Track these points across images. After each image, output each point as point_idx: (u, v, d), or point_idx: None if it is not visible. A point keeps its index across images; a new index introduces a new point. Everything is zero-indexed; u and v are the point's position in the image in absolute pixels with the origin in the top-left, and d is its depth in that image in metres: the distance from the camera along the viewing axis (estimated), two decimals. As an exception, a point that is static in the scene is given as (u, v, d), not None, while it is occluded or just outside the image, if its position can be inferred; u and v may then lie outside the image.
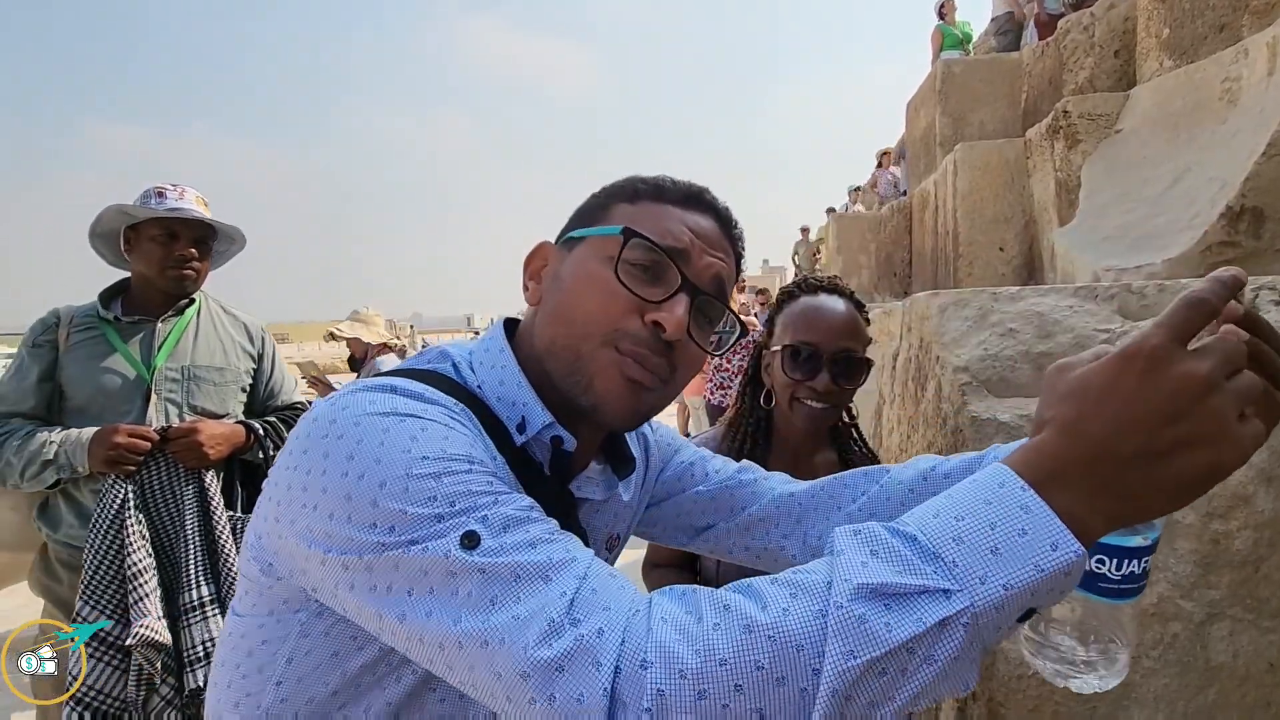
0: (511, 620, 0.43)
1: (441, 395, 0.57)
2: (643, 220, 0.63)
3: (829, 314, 1.14)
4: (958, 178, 5.02)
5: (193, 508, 1.61)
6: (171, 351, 1.68)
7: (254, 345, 1.87)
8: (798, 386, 1.12)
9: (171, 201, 1.68)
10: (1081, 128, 3.92)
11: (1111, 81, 4.68)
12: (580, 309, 0.61)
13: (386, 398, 0.54)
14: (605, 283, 0.61)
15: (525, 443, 0.62)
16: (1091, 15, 4.81)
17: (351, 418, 0.52)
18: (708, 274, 0.64)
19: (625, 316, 0.60)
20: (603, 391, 0.60)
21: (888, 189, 10.07)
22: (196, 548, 1.59)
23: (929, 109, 6.71)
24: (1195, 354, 0.41)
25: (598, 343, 0.60)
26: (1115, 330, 1.27)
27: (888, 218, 7.80)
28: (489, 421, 0.60)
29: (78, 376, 1.61)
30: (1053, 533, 0.40)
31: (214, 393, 1.74)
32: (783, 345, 1.14)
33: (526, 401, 0.62)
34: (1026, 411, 1.26)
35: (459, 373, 0.64)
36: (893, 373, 1.99)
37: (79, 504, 1.60)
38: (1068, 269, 3.54)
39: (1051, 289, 1.42)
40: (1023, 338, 1.36)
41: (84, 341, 1.63)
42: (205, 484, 1.64)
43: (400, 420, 0.51)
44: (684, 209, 0.66)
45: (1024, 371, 1.32)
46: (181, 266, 1.68)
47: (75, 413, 1.62)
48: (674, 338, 0.60)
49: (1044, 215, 4.44)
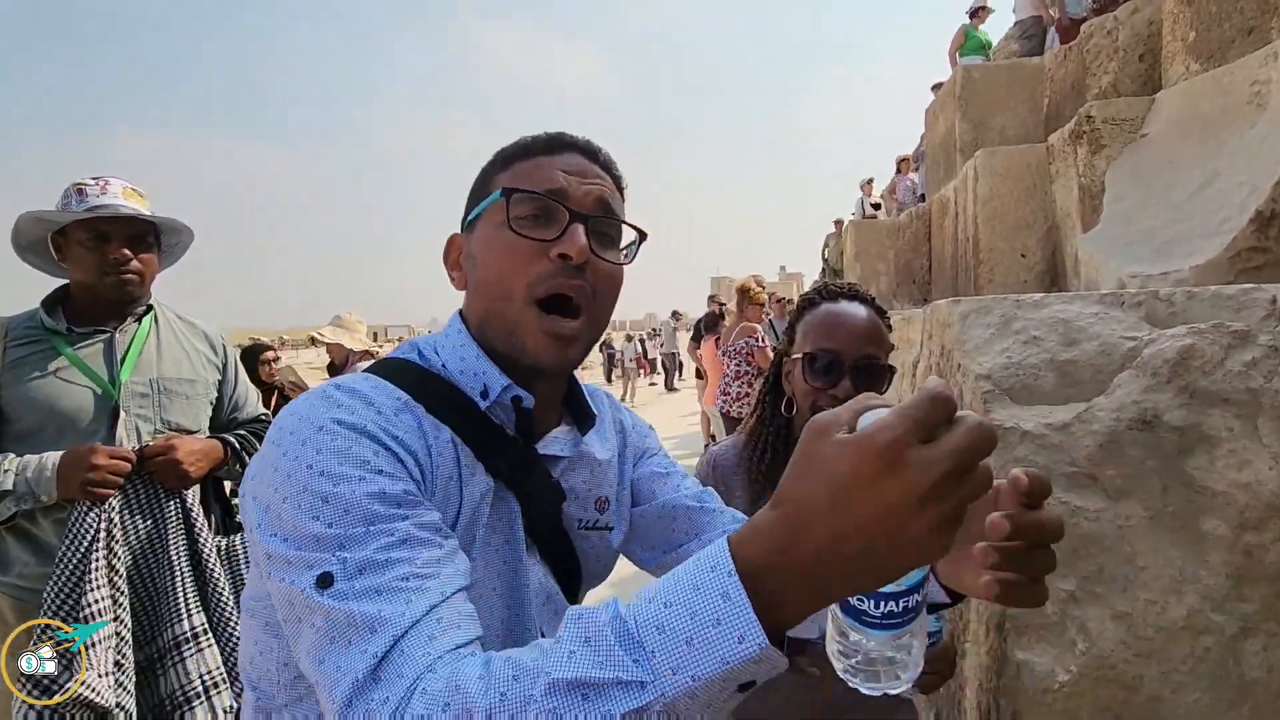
0: (334, 669, 0.49)
1: (381, 395, 0.63)
2: (518, 179, 0.70)
3: (850, 320, 1.13)
4: (978, 183, 4.97)
5: (176, 532, 1.46)
6: (135, 364, 1.50)
7: (217, 355, 1.71)
8: (818, 394, 1.11)
9: (93, 199, 1.46)
10: (1106, 132, 3.87)
11: (1136, 86, 4.62)
12: (494, 274, 0.69)
13: (320, 405, 0.60)
14: (506, 242, 0.68)
15: (489, 408, 0.69)
16: (1115, 19, 4.75)
17: (286, 426, 0.60)
18: (590, 199, 0.70)
19: (533, 262, 0.67)
20: (534, 348, 0.68)
21: (906, 195, 10.00)
22: (185, 575, 1.45)
23: (949, 114, 6.66)
24: (932, 457, 0.38)
25: (521, 303, 0.67)
26: (1142, 338, 1.25)
27: (906, 224, 7.74)
28: (452, 397, 0.68)
29: (25, 396, 1.39)
30: (742, 625, 0.41)
31: (186, 406, 1.58)
32: (803, 353, 1.14)
33: (485, 370, 0.70)
34: (1052, 420, 1.24)
35: (423, 357, 0.72)
36: (913, 380, 1.97)
37: (35, 539, 1.40)
38: (1092, 275, 3.49)
39: (1076, 296, 1.40)
40: (1047, 345, 1.34)
41: (28, 357, 1.42)
42: (188, 505, 1.49)
43: (316, 433, 0.58)
44: (550, 155, 0.72)
45: (1048, 379, 1.31)
46: (119, 270, 1.47)
47: (21, 437, 1.40)
48: (580, 259, 0.67)
49: (1067, 221, 4.38)
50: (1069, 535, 1.15)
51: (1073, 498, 1.16)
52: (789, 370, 1.19)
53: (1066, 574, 1.13)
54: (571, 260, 0.66)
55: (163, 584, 1.43)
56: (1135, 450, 1.14)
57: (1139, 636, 1.10)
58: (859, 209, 9.97)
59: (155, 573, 1.44)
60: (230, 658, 1.48)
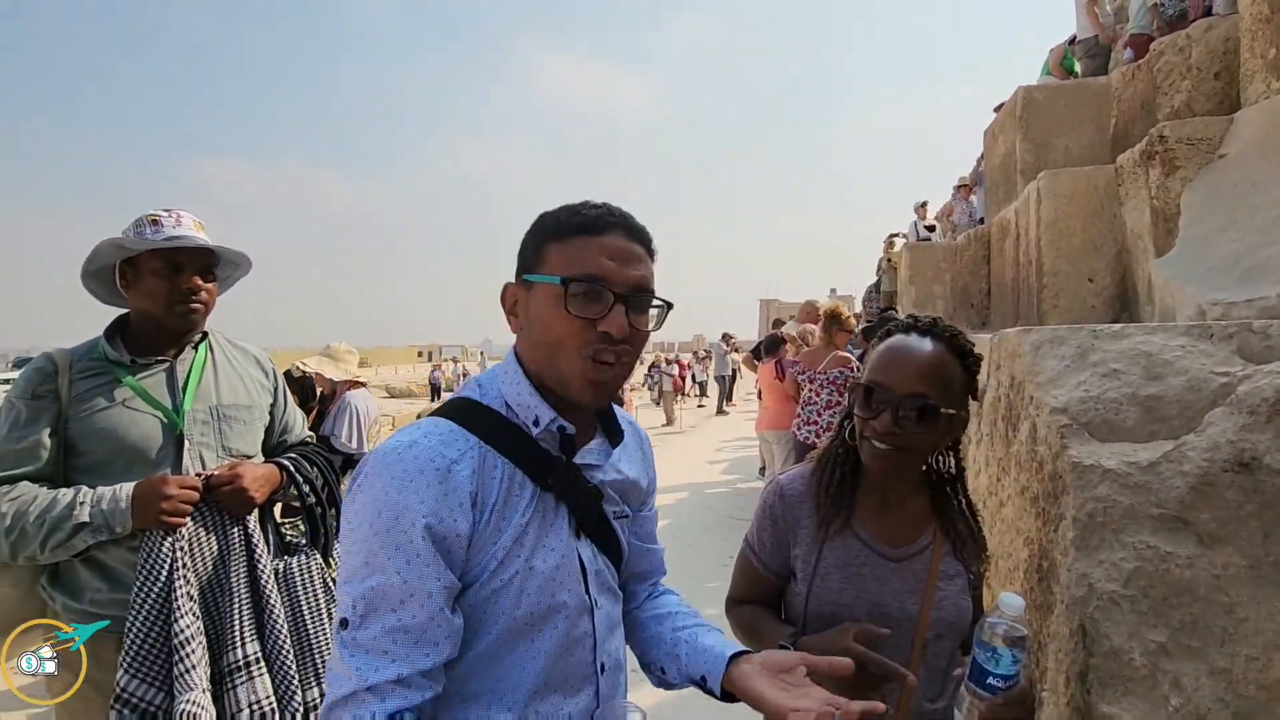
0: (331, 702, 0.78)
1: (448, 448, 0.83)
2: (572, 260, 0.86)
3: (907, 356, 1.11)
4: (1041, 205, 4.82)
5: (238, 557, 1.48)
6: (196, 392, 1.54)
7: (268, 379, 1.73)
8: (864, 424, 1.11)
9: (169, 229, 1.49)
10: (1180, 153, 3.70)
11: (1211, 105, 4.42)
12: (552, 339, 0.86)
13: (391, 473, 0.81)
14: (562, 319, 0.85)
15: (539, 435, 0.89)
16: (1188, 37, 4.58)
17: (359, 483, 0.83)
18: (630, 282, 0.87)
19: (584, 334, 0.85)
20: (579, 390, 0.87)
21: (963, 218, 9.76)
22: (242, 602, 1.47)
23: (1009, 135, 6.49)
24: None
25: (574, 357, 0.85)
26: (1235, 373, 1.18)
27: (964, 246, 7.54)
28: (506, 429, 0.88)
29: (94, 429, 1.42)
30: None
31: (245, 432, 1.61)
32: (859, 382, 1.14)
33: (537, 405, 0.90)
34: (1136, 458, 1.18)
35: (483, 391, 0.92)
36: (979, 411, 1.91)
37: (106, 567, 1.42)
38: (1168, 301, 3.32)
39: (1158, 327, 1.33)
40: (1129, 379, 1.28)
41: (95, 389, 1.44)
42: (249, 530, 1.51)
43: (375, 517, 0.79)
44: (600, 235, 0.87)
45: (1131, 415, 1.24)
46: (189, 300, 1.51)
47: (90, 469, 1.42)
48: (620, 336, 0.86)
49: (1138, 244, 4.20)
50: (1158, 583, 1.09)
51: (1161, 542, 1.09)
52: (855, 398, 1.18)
53: (1156, 624, 1.07)
54: (614, 337, 0.85)
55: (223, 609, 1.45)
56: (1232, 494, 1.07)
57: (1240, 695, 1.02)
58: (913, 231, 9.77)
59: (217, 598, 1.46)
60: (282, 684, 1.47)
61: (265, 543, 1.55)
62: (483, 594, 0.82)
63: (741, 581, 1.28)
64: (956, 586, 1.12)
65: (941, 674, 1.11)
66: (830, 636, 1.05)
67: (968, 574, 1.14)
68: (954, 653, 1.15)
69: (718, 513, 6.46)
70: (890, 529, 1.15)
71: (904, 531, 1.15)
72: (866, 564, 1.13)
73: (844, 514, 1.15)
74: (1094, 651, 1.09)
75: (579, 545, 0.92)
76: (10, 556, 1.35)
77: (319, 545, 1.65)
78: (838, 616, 1.10)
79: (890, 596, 1.11)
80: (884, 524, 1.15)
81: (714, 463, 9.33)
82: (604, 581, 0.95)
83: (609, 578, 0.97)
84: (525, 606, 0.84)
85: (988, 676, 0.93)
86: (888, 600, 1.11)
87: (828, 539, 1.15)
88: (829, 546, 1.14)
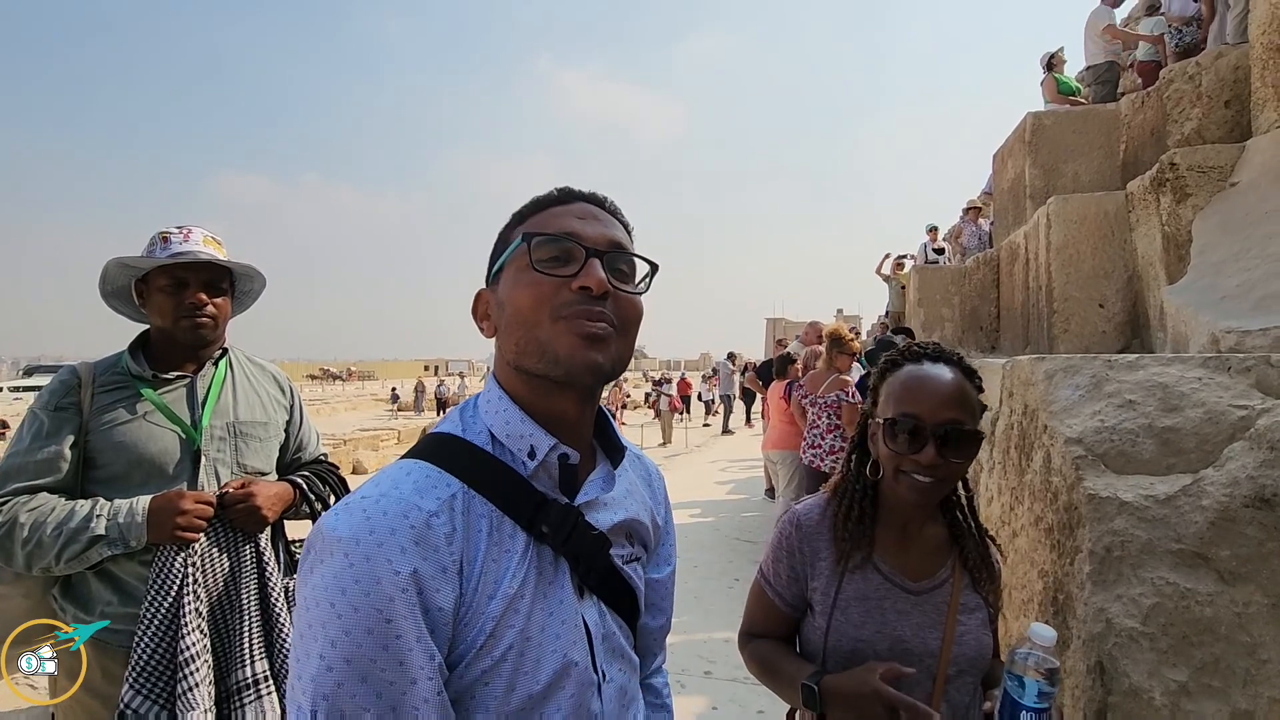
0: None
1: (424, 499, 0.67)
2: (536, 228, 0.76)
3: (932, 384, 1.08)
4: (1051, 230, 4.81)
5: (249, 575, 1.47)
6: (214, 407, 1.53)
7: (285, 396, 1.73)
8: (901, 460, 1.06)
9: (176, 246, 1.50)
10: (1191, 180, 3.70)
11: (1222, 133, 4.42)
12: (522, 309, 0.73)
13: (348, 530, 0.64)
14: (530, 281, 0.73)
15: (534, 471, 0.74)
16: (1198, 65, 4.60)
17: (314, 553, 0.66)
18: (603, 239, 0.76)
19: (556, 294, 0.72)
20: (566, 354, 0.71)
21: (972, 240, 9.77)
22: (252, 620, 1.45)
23: (1018, 160, 6.51)
24: None
25: (547, 323, 0.72)
26: (1255, 406, 1.17)
27: (973, 270, 7.54)
28: (493, 470, 0.73)
29: (113, 442, 1.42)
30: None
31: (260, 449, 1.59)
32: (885, 418, 1.09)
33: (531, 432, 0.75)
34: (1154, 491, 1.16)
35: (466, 426, 0.77)
36: (991, 439, 1.89)
37: (118, 580, 1.41)
38: (1180, 329, 3.30)
39: (1175, 358, 1.32)
40: (1145, 410, 1.26)
41: (116, 402, 1.45)
42: (261, 548, 1.50)
43: (339, 595, 0.62)
44: (563, 205, 0.79)
45: (1147, 447, 1.23)
46: (194, 315, 1.50)
47: (107, 481, 1.42)
48: (600, 290, 0.72)
49: (1149, 271, 4.18)
50: (1178, 621, 1.07)
51: (1180, 579, 1.07)
52: (873, 432, 1.14)
53: (1176, 663, 1.04)
54: (592, 291, 0.72)
55: (233, 627, 1.44)
56: (1253, 530, 1.06)
57: (1263, 738, 0.99)
58: (923, 254, 9.78)
59: (228, 616, 1.45)
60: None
61: (276, 561, 1.53)
62: (468, 677, 0.67)
63: (756, 615, 1.25)
64: (977, 620, 1.10)
65: (964, 711, 1.08)
66: (858, 675, 1.03)
67: (987, 608, 1.12)
68: (975, 689, 1.12)
69: (723, 534, 6.40)
70: (910, 562, 1.13)
71: (924, 564, 1.13)
72: (887, 598, 1.11)
73: (865, 548, 1.13)
74: (1112, 689, 1.07)
75: (583, 607, 0.76)
76: (25, 567, 1.34)
77: None
78: (858, 651, 1.08)
79: (911, 631, 1.09)
80: (904, 557, 1.13)
81: (720, 483, 9.27)
82: (614, 646, 0.80)
83: (621, 640, 0.81)
84: (521, 689, 0.68)
85: (1020, 710, 0.90)
86: (909, 635, 1.09)
87: (848, 572, 1.12)
88: (849, 579, 1.12)
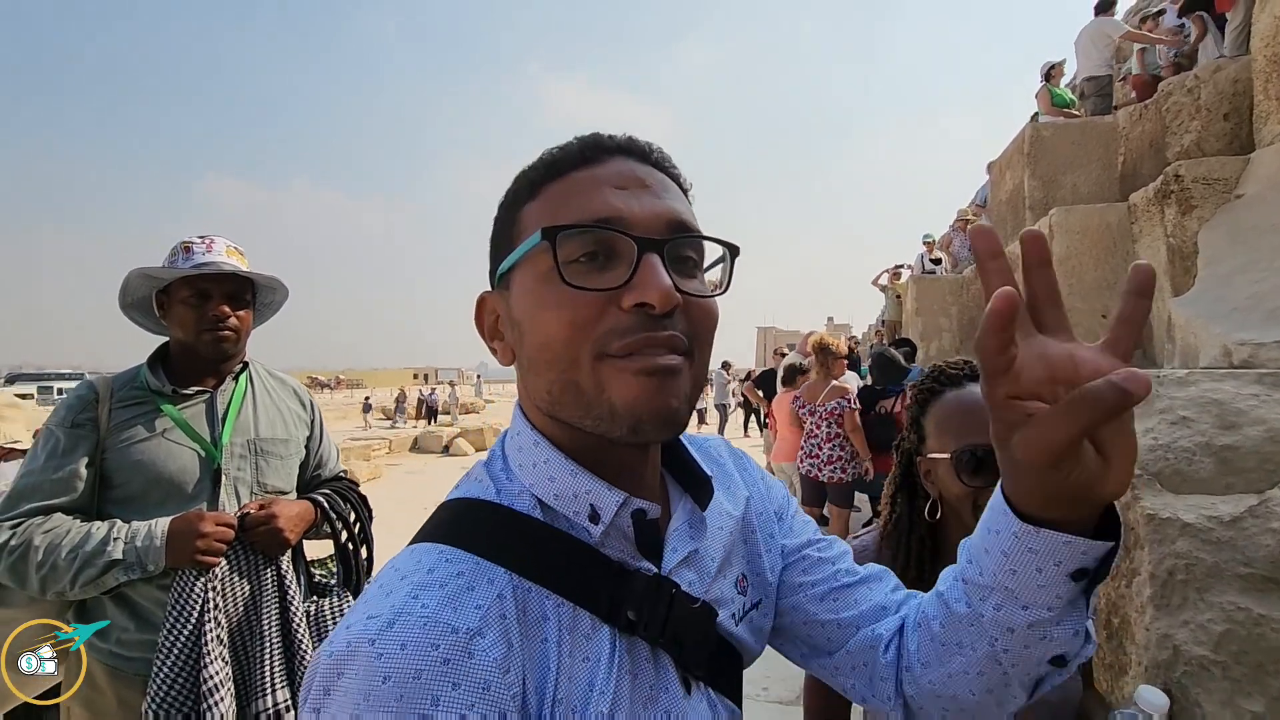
0: None
1: (459, 616, 0.45)
2: (557, 209, 0.53)
3: None
4: (1054, 241, 4.83)
5: (270, 599, 1.41)
6: (234, 424, 1.47)
7: (306, 412, 1.66)
8: (979, 494, 0.97)
9: (199, 256, 1.44)
10: (1196, 192, 3.73)
11: (1221, 145, 4.46)
12: (551, 343, 0.51)
13: (358, 677, 0.43)
14: (559, 300, 0.50)
15: (601, 538, 0.54)
16: (1196, 78, 4.64)
17: (317, 707, 0.44)
18: (659, 219, 0.52)
19: (599, 319, 0.50)
20: (626, 406, 0.50)
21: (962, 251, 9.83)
22: (274, 646, 1.39)
23: (1016, 171, 6.55)
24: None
25: (589, 364, 0.50)
26: (1318, 424, 1.15)
27: (971, 280, 7.57)
28: (550, 547, 0.53)
29: (131, 460, 1.36)
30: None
31: (280, 467, 1.53)
32: (952, 452, 0.99)
33: (589, 488, 0.53)
34: (1217, 513, 1.13)
35: (500, 489, 0.56)
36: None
37: (135, 605, 1.36)
38: (1190, 340, 3.30)
39: (1228, 374, 1.30)
40: (1200, 427, 1.24)
41: (135, 419, 1.39)
42: (282, 571, 1.44)
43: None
44: (589, 167, 0.54)
45: (1205, 466, 1.20)
46: (216, 327, 1.45)
47: (124, 501, 1.37)
48: (667, 306, 0.49)
49: (1153, 282, 4.20)
50: (1253, 648, 1.03)
51: (1252, 604, 1.04)
52: (927, 470, 1.05)
53: (1251, 691, 1.01)
54: (655, 309, 0.49)
55: (253, 655, 1.38)
56: (1329, 554, 1.03)
57: (1345, 770, 0.96)
58: (919, 264, 9.82)
59: (248, 643, 1.39)
60: None
61: (296, 584, 1.47)
62: None
63: (814, 704, 1.17)
64: None
65: None
66: None
67: None
68: None
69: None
70: None
71: None
72: None
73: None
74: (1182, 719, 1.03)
75: (691, 703, 0.56)
76: (39, 591, 1.28)
77: (351, 586, 1.58)
78: None
79: None
80: None
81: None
82: None
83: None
84: None
85: None
86: None
87: None
88: None
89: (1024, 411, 0.43)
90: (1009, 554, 0.50)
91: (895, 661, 0.65)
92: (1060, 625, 0.52)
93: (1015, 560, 0.50)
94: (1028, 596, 0.51)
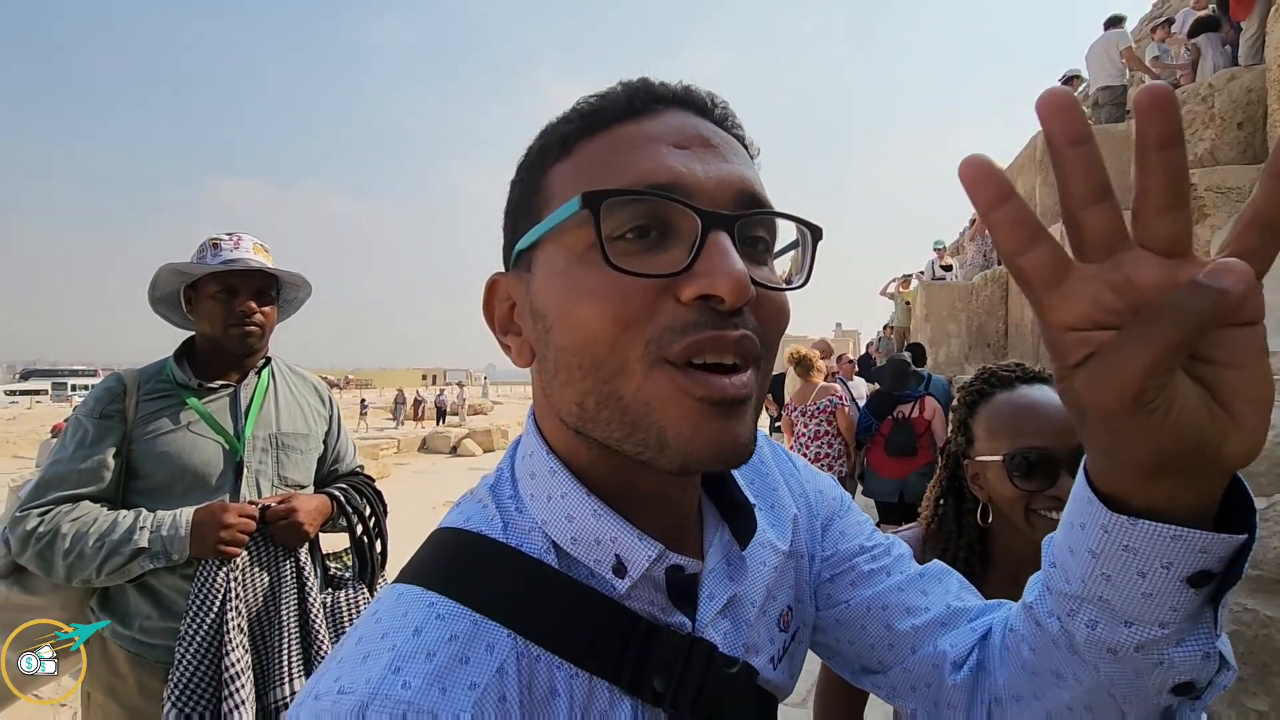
0: None
1: (447, 701, 0.37)
2: (599, 171, 0.42)
3: (1047, 409, 0.97)
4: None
5: (289, 590, 1.44)
6: (257, 418, 1.51)
7: (325, 407, 1.70)
8: (1034, 498, 0.93)
9: (227, 253, 1.49)
10: (1210, 201, 3.72)
11: (1235, 153, 4.46)
12: (591, 343, 0.40)
13: None
14: (601, 287, 0.40)
15: (627, 591, 0.45)
16: (1210, 86, 4.64)
17: None
18: (728, 187, 0.42)
19: (652, 313, 0.40)
20: (681, 437, 0.40)
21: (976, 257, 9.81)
22: (292, 637, 1.42)
23: (1028, 178, 6.56)
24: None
25: (641, 372, 0.40)
26: (1326, 430, 1.15)
27: (980, 287, 7.57)
28: (565, 588, 0.44)
29: (157, 451, 1.39)
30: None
31: (300, 461, 1.57)
32: (1004, 455, 0.96)
33: (615, 534, 0.44)
34: None
35: (503, 510, 0.48)
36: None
37: (157, 594, 1.38)
38: (1201, 349, 3.30)
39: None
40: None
41: (161, 411, 1.42)
42: (301, 563, 1.47)
43: None
44: (640, 120, 0.43)
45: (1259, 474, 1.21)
46: (243, 322, 1.48)
47: (150, 492, 1.40)
48: (740, 300, 0.39)
49: (1165, 290, 4.20)
50: (1259, 650, 1.04)
51: (1259, 605, 1.05)
52: (976, 474, 1.02)
53: (1257, 691, 1.02)
54: (724, 302, 0.39)
55: (272, 644, 1.41)
56: (1336, 557, 1.04)
57: (1350, 772, 0.97)
58: (930, 270, 9.82)
59: (267, 633, 1.42)
60: None
61: (314, 576, 1.50)
62: None
63: (830, 700, 1.17)
64: None
65: None
66: None
67: None
68: None
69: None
70: None
71: None
72: None
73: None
74: (1188, 719, 1.04)
75: None
76: (65, 578, 1.31)
77: (366, 579, 1.62)
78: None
79: None
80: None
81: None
82: None
83: None
84: None
85: None
86: None
87: None
88: None
89: (1086, 345, 0.32)
90: (1099, 555, 0.38)
91: (971, 686, 0.54)
92: (1181, 646, 0.39)
93: (1108, 563, 0.38)
94: (1131, 610, 0.38)
